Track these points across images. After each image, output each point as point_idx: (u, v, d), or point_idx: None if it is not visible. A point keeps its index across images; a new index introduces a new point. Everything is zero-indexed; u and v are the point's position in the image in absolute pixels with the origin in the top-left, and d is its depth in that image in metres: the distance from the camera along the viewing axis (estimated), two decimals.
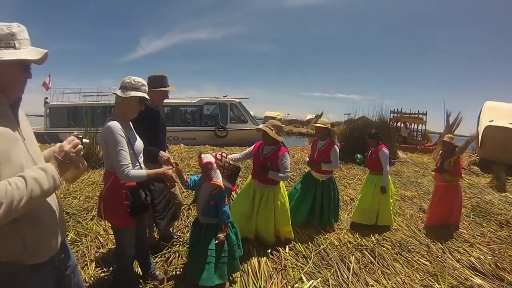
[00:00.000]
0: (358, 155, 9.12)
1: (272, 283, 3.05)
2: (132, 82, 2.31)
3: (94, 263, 3.14)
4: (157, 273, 3.01)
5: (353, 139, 9.52)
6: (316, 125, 4.44)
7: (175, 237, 3.69)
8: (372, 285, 3.22)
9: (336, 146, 4.27)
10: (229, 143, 11.54)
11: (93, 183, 5.38)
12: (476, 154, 11.40)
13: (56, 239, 1.45)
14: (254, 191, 3.69)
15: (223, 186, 2.58)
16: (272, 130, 3.48)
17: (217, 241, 2.66)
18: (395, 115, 17.78)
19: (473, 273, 3.62)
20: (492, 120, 10.61)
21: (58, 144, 1.50)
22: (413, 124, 18.48)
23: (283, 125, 3.99)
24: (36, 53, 1.30)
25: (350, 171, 8.14)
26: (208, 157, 2.63)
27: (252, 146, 3.75)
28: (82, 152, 1.47)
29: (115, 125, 2.20)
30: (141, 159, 2.43)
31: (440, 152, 5.17)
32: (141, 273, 2.97)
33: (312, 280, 3.16)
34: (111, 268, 3.05)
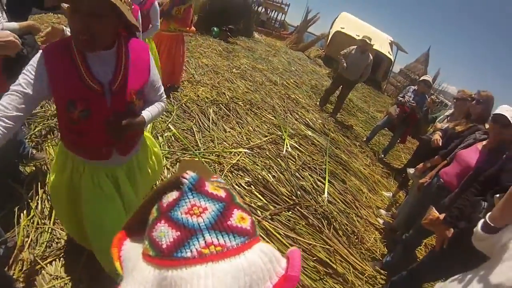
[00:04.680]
0: (215, 28, 9.81)
1: None
2: None
3: None
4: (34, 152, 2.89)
5: (212, 13, 10.19)
6: None
7: None
8: (229, 131, 4.20)
9: (156, 2, 3.78)
10: None
11: None
12: (323, 50, 14.03)
13: None
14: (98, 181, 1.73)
15: None
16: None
17: None
18: None
19: (307, 128, 5.15)
20: (344, 28, 13.55)
21: None
22: (274, 11, 20.08)
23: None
24: None
25: (206, 42, 8.79)
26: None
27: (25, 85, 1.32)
28: None
29: None
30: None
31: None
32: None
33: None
34: None
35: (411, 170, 3.58)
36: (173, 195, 0.57)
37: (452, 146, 3.05)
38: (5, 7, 2.22)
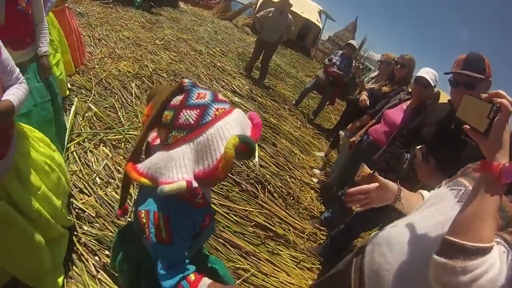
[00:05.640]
0: None
1: None
2: None
3: None
4: None
5: None
6: None
7: None
8: None
9: None
10: None
11: None
12: (251, 19, 13.96)
13: None
14: None
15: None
16: None
17: None
18: None
19: (233, 94, 5.08)
20: None
21: None
22: None
23: None
24: None
25: (127, 13, 8.28)
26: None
27: None
28: None
29: None
30: None
31: None
32: None
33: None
34: None
35: (342, 132, 3.68)
36: (179, 97, 0.91)
37: (380, 106, 3.18)
38: None
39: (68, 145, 2.84)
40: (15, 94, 1.31)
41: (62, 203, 1.78)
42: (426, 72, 2.61)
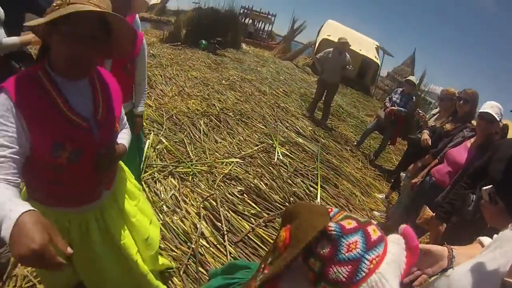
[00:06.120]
0: (203, 41, 9.99)
1: None
2: None
3: None
4: None
5: (200, 26, 10.56)
6: None
7: None
8: (220, 142, 4.26)
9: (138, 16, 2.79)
10: None
11: None
12: (311, 58, 14.28)
13: None
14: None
15: None
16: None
17: None
18: (245, 11, 19.11)
19: (297, 135, 5.21)
20: (330, 35, 13.65)
21: None
22: (261, 22, 20.42)
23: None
24: None
25: (194, 55, 8.92)
26: None
27: None
28: None
29: None
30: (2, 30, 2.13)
31: None
32: None
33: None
34: None
35: (403, 174, 3.63)
36: (327, 246, 0.77)
37: (442, 145, 3.09)
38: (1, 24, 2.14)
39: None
40: (125, 138, 1.51)
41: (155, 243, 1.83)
42: (491, 106, 2.49)
